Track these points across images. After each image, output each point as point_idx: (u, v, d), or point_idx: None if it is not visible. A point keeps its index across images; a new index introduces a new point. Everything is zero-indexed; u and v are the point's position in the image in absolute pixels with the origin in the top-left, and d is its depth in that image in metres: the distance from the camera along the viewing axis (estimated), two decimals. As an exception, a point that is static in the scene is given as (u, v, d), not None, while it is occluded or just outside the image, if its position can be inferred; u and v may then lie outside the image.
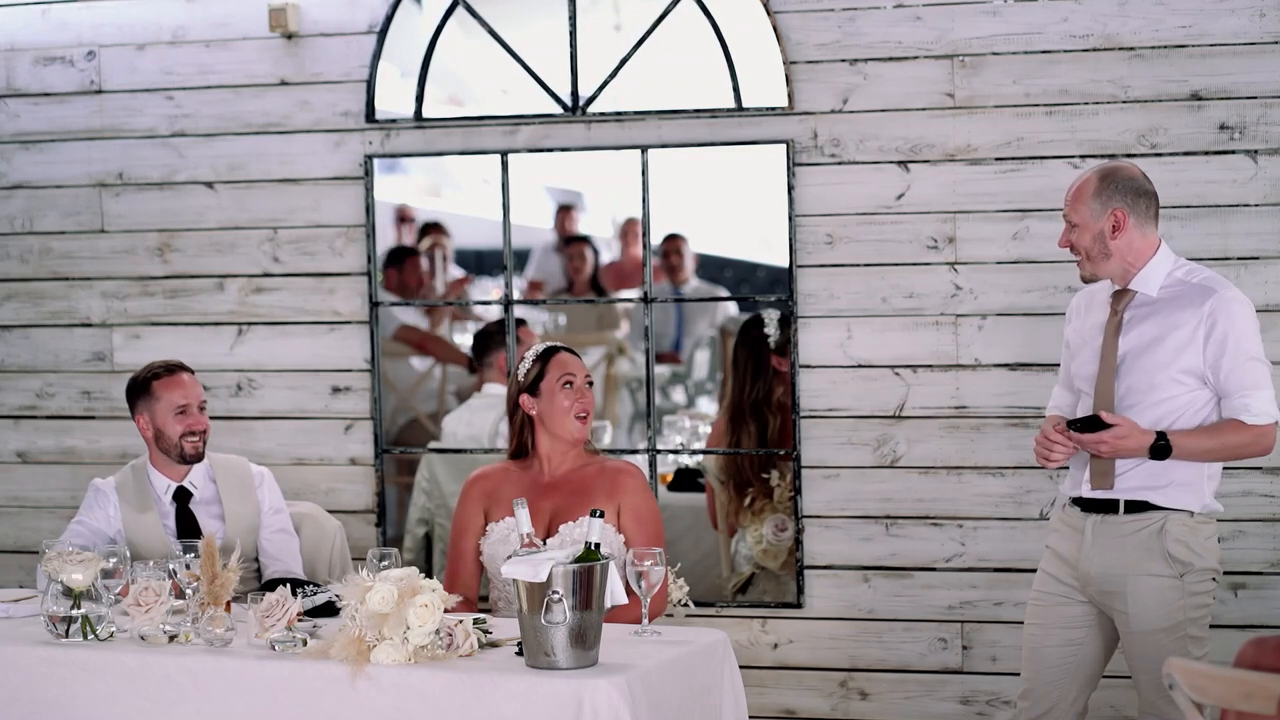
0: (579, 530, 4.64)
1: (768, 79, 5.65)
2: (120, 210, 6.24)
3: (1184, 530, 4.46)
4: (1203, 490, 4.49)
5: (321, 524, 5.41)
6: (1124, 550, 4.48)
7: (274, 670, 4.09)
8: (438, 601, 3.99)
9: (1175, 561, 4.44)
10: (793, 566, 5.84)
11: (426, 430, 7.33)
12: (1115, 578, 4.49)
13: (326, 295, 6.09)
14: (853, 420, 5.64)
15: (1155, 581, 4.45)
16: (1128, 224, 4.47)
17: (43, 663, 4.27)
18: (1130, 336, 4.50)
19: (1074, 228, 4.52)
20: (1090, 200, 4.49)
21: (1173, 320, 4.45)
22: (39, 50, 6.27)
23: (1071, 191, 4.54)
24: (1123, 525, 4.49)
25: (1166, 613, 4.45)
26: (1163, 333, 4.45)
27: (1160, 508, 4.46)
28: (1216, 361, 4.41)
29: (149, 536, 5.07)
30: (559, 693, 3.85)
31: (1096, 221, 4.49)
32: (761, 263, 8.52)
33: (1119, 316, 4.52)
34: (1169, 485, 4.46)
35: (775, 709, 5.75)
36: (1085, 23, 5.43)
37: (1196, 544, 4.46)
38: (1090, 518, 4.53)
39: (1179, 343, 4.43)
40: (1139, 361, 4.47)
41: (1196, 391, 4.45)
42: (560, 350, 4.86)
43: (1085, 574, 4.54)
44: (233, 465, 5.24)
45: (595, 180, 9.61)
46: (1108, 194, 4.49)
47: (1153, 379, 4.45)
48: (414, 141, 6.00)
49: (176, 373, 5.16)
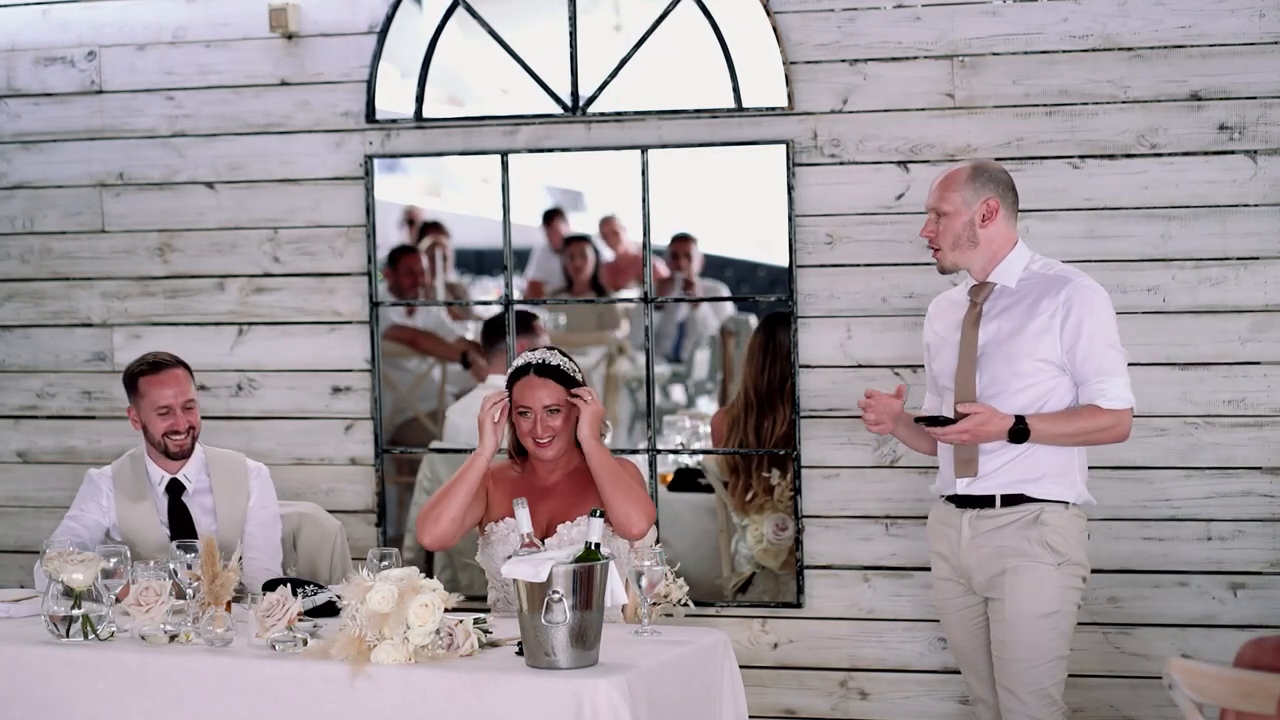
0: (577, 530, 4.64)
1: (768, 79, 5.66)
2: (121, 210, 6.24)
3: (1061, 521, 4.53)
4: (1075, 482, 4.56)
5: (322, 524, 5.41)
6: (1002, 540, 4.53)
7: (274, 670, 4.09)
8: (438, 601, 3.99)
9: (1053, 550, 4.50)
10: (793, 566, 5.84)
11: (426, 430, 7.33)
12: (993, 569, 4.54)
13: (327, 295, 6.09)
14: (853, 420, 5.64)
15: (1034, 567, 4.50)
16: (999, 215, 4.56)
17: (43, 663, 4.27)
18: (990, 328, 4.57)
19: (942, 216, 4.59)
20: (964, 188, 4.57)
21: (1030, 310, 4.52)
22: (39, 50, 6.28)
23: (941, 180, 4.61)
24: (999, 517, 4.55)
25: (1045, 599, 4.50)
26: (1022, 322, 4.52)
27: (1036, 499, 4.52)
28: (1073, 347, 4.49)
29: (143, 526, 5.06)
30: (559, 692, 3.86)
31: (969, 209, 4.57)
32: (761, 262, 8.53)
33: (978, 309, 4.59)
34: (1042, 478, 4.53)
35: (775, 709, 5.75)
36: (1085, 23, 5.43)
37: (1071, 536, 4.53)
38: (966, 513, 4.59)
39: (1037, 330, 4.50)
40: (999, 351, 4.54)
41: (1057, 379, 4.52)
42: (530, 372, 4.73)
43: (965, 567, 4.60)
44: (228, 460, 5.23)
45: (595, 180, 9.62)
46: (981, 183, 4.57)
47: (1014, 368, 4.52)
48: (414, 141, 6.00)
49: (162, 370, 5.10)
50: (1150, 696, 5.36)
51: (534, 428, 4.70)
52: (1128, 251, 5.43)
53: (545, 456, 4.73)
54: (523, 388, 4.73)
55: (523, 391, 4.72)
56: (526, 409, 4.71)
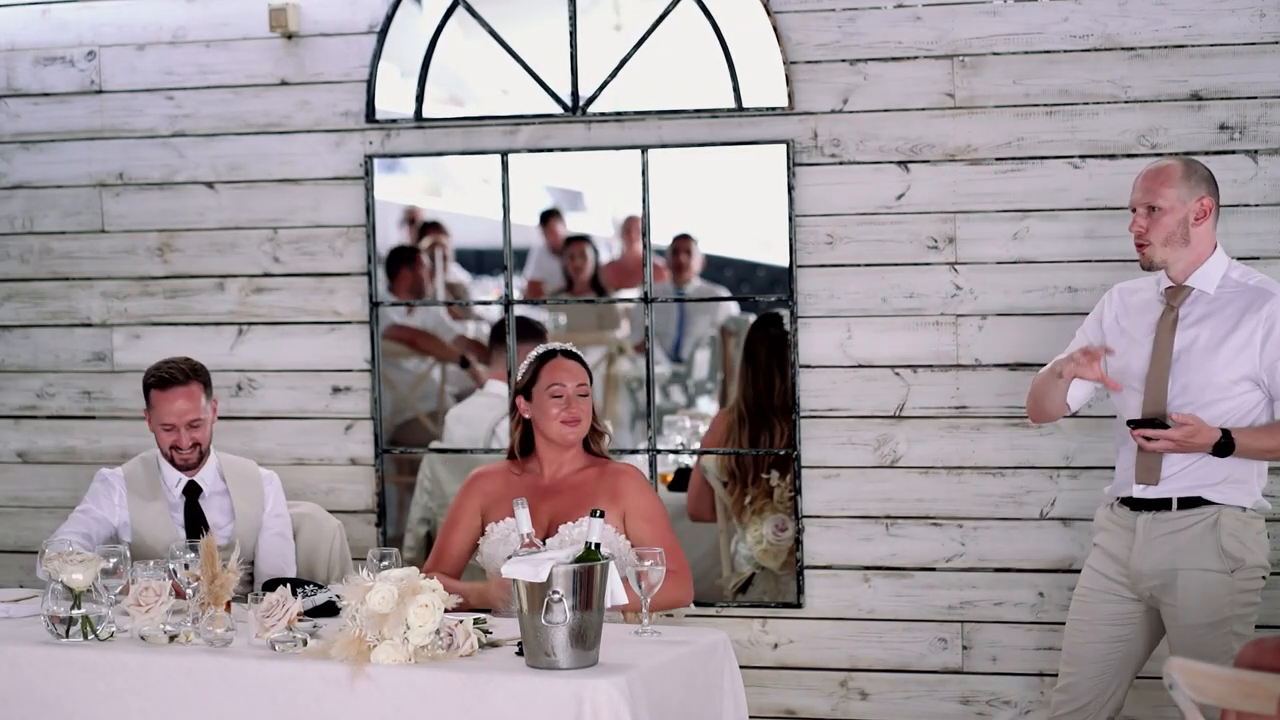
0: (578, 531, 4.64)
1: (768, 79, 5.65)
2: (120, 210, 6.24)
3: (1237, 525, 4.49)
4: (1254, 487, 4.54)
5: (321, 524, 5.42)
6: (1177, 544, 4.50)
7: (274, 670, 4.09)
8: (438, 601, 3.99)
9: (1228, 557, 4.47)
10: (793, 566, 5.83)
11: (426, 430, 7.33)
12: (1166, 571, 4.51)
13: (327, 295, 6.09)
14: (853, 420, 5.64)
15: (1206, 576, 4.48)
16: (1211, 215, 4.52)
17: (43, 663, 4.26)
18: (1186, 335, 4.51)
19: (1154, 211, 4.52)
20: (1179, 184, 4.51)
21: (1231, 321, 4.47)
22: (39, 50, 6.27)
23: (1152, 174, 4.55)
24: (1176, 521, 4.51)
25: (1215, 608, 4.47)
26: (1222, 334, 4.47)
27: (1214, 503, 4.49)
28: (1274, 364, 4.45)
29: (155, 526, 5.07)
30: (559, 693, 3.85)
31: (1184, 205, 4.52)
32: (762, 262, 8.53)
33: (1174, 313, 4.53)
34: (1222, 482, 4.49)
35: (775, 709, 5.75)
36: (1085, 23, 5.43)
37: (1249, 540, 4.50)
38: (1141, 515, 4.55)
39: (1237, 344, 4.46)
40: (1195, 360, 4.49)
41: (1250, 393, 4.49)
42: (557, 355, 4.84)
43: (1137, 570, 4.55)
44: (242, 466, 5.26)
45: (595, 180, 9.62)
46: (1195, 181, 4.52)
47: (1209, 379, 4.47)
48: (414, 141, 6.00)
49: (169, 388, 5.07)
50: (1151, 696, 5.36)
51: (567, 406, 4.76)
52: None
53: (571, 439, 4.78)
54: (554, 368, 4.78)
55: (555, 371, 4.78)
56: (561, 387, 4.76)
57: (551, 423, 4.77)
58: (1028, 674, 5.55)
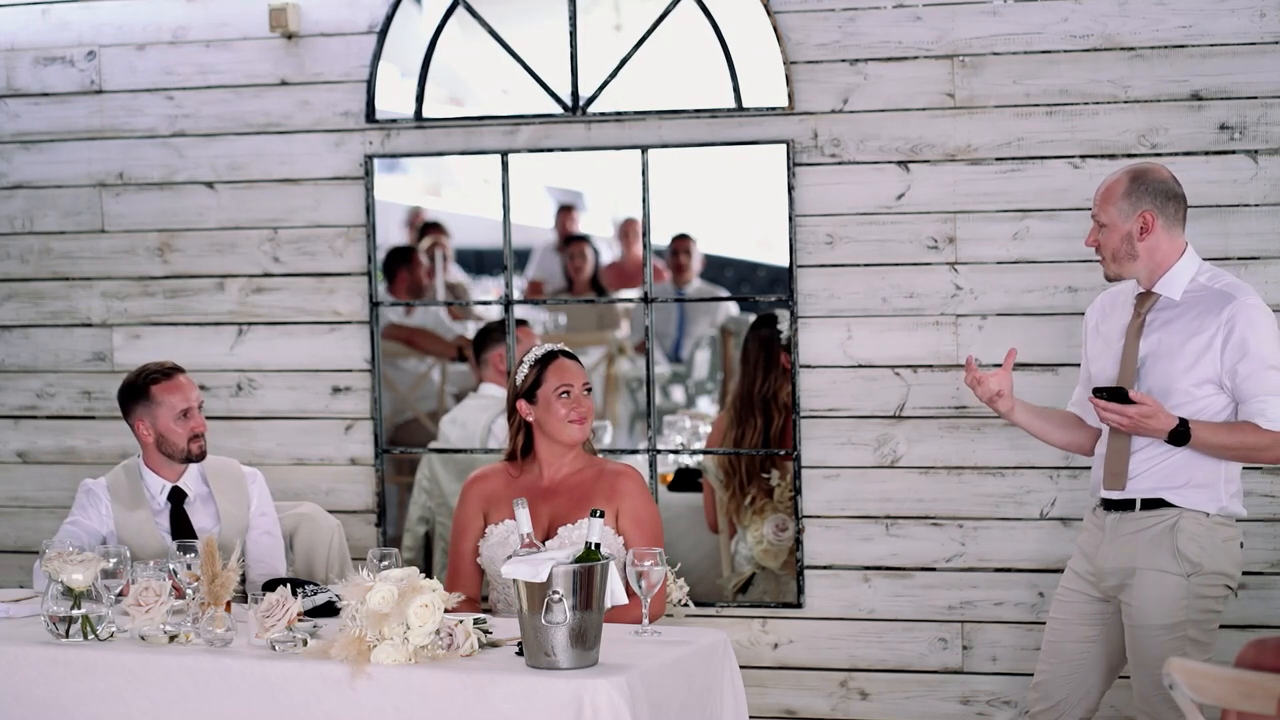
0: (578, 532, 4.64)
1: (768, 79, 5.65)
2: (120, 210, 6.24)
3: (1198, 530, 4.49)
4: (1219, 492, 4.52)
5: (320, 524, 5.41)
6: (1137, 544, 4.51)
7: (274, 670, 4.08)
8: (438, 601, 3.99)
9: (1184, 559, 4.46)
10: (793, 566, 5.84)
11: (426, 430, 7.33)
12: (1125, 570, 4.53)
13: (326, 295, 6.09)
14: (853, 420, 5.64)
15: (1162, 577, 4.48)
16: (1156, 226, 4.50)
17: (43, 663, 4.26)
18: (1150, 340, 4.52)
19: (1102, 227, 4.54)
20: (1120, 201, 4.50)
21: (1193, 326, 4.47)
22: (39, 50, 6.27)
23: (1101, 191, 4.55)
24: (1137, 520, 4.52)
25: (1169, 610, 4.47)
26: (1183, 338, 4.47)
27: (1175, 506, 4.49)
28: (1234, 367, 4.44)
29: (140, 535, 5.06)
30: (559, 693, 3.85)
31: (1125, 223, 4.51)
32: (762, 262, 8.53)
33: (1140, 319, 4.54)
34: (1185, 485, 4.49)
35: (775, 709, 5.75)
36: (1085, 23, 5.43)
37: (1210, 545, 4.49)
38: (1110, 515, 4.58)
39: (1198, 348, 4.45)
40: (1158, 365, 4.50)
41: (1213, 397, 4.48)
42: (559, 356, 4.84)
43: (1100, 568, 4.58)
44: (224, 466, 5.23)
45: (595, 180, 9.62)
46: (1137, 195, 4.50)
47: (1171, 383, 4.47)
48: (414, 141, 6.00)
49: (174, 375, 5.11)
50: (1150, 697, 5.36)
51: (575, 405, 4.78)
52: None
53: (577, 438, 4.80)
54: (560, 368, 4.80)
55: (561, 372, 4.80)
56: (569, 387, 4.77)
57: (561, 423, 4.77)
58: (1028, 674, 5.53)
